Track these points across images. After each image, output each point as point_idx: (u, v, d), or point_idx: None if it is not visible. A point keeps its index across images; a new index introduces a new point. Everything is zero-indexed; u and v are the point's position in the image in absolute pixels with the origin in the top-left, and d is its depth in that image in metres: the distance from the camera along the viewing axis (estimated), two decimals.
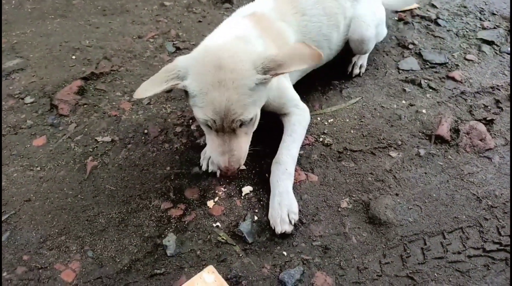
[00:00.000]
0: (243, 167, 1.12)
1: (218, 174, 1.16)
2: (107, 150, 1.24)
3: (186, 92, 0.95)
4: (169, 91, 1.18)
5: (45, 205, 1.10)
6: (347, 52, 1.48)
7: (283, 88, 1.19)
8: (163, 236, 1.04)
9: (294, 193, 1.08)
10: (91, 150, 1.24)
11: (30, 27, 1.76)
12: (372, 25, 1.38)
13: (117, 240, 1.03)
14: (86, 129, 1.30)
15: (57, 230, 1.04)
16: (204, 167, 1.17)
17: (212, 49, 0.97)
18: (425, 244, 1.03)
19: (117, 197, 1.12)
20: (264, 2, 1.27)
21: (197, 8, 1.89)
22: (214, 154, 1.00)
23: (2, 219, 1.06)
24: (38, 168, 1.19)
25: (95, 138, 1.27)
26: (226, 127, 0.94)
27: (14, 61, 1.56)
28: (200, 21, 1.80)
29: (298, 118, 1.20)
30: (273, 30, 1.16)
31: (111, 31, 1.74)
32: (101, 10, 1.89)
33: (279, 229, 1.01)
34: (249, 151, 1.03)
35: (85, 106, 1.38)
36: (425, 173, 1.19)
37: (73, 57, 1.59)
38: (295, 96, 1.24)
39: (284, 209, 1.02)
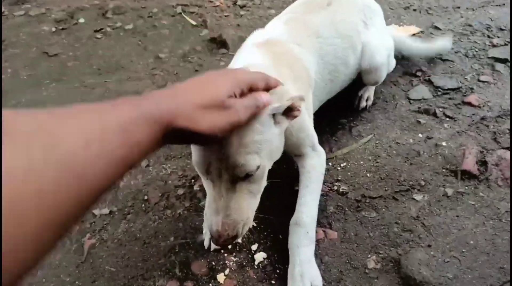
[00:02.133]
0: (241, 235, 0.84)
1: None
2: (106, 224, 1.15)
3: None
4: None
5: None
6: (349, 88, 1.39)
7: (303, 120, 1.02)
8: None
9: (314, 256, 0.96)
10: (88, 226, 1.15)
11: (25, 95, 1.73)
12: (384, 54, 1.30)
13: None
14: None
15: None
16: (206, 243, 1.05)
17: None
18: None
19: (118, 279, 1.02)
20: (274, 27, 1.17)
21: (192, 57, 1.84)
22: (207, 212, 0.81)
23: None
24: None
25: (92, 211, 1.18)
26: (225, 177, 0.76)
27: None
28: (196, 70, 1.75)
29: (314, 164, 1.06)
30: (289, 55, 1.05)
31: (108, 91, 1.70)
32: (96, 70, 1.86)
33: None
34: (255, 217, 0.86)
35: None
36: (457, 216, 1.07)
37: None
38: (314, 134, 1.09)
39: (306, 282, 0.90)
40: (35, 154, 0.35)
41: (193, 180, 1.24)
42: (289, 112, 0.80)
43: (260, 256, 1.03)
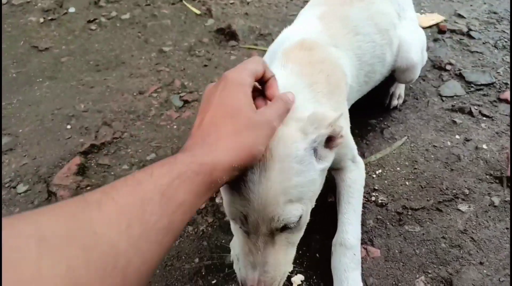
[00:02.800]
0: None
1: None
2: None
3: None
4: None
5: None
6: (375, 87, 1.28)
7: (345, 133, 0.89)
8: None
9: None
10: None
11: (16, 95, 1.57)
12: (419, 49, 1.18)
13: None
14: None
15: None
16: (236, 269, 0.89)
17: None
18: None
19: None
20: (308, 23, 1.02)
21: (199, 51, 1.70)
22: (241, 262, 0.72)
23: None
24: None
25: None
26: (263, 228, 0.64)
27: (2, 140, 1.36)
28: (206, 65, 1.61)
29: (355, 177, 0.96)
30: (327, 62, 0.90)
31: (108, 89, 1.55)
32: (93, 66, 1.70)
33: None
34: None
35: (88, 188, 1.18)
36: (507, 228, 0.98)
37: (68, 126, 1.39)
38: (354, 145, 0.98)
39: None
40: (75, 258, 0.33)
41: (215, 193, 1.13)
42: (331, 141, 0.69)
43: (298, 279, 0.93)
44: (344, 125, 0.91)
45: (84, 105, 1.48)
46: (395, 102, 1.29)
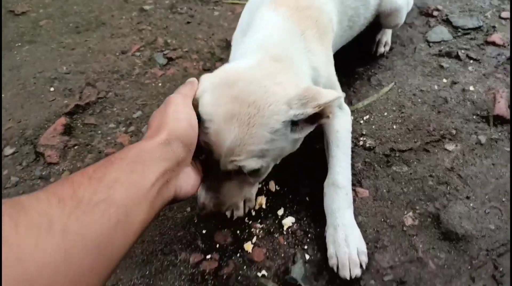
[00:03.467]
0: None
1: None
2: None
3: None
4: None
5: None
6: (363, 32, 1.26)
7: (332, 75, 0.94)
8: None
9: None
10: None
11: None
12: None
13: None
14: None
15: None
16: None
17: (231, 75, 0.72)
18: None
19: (135, 256, 0.92)
20: None
21: (182, 8, 1.65)
22: (202, 185, 0.75)
23: None
24: None
25: None
26: (222, 166, 0.70)
27: None
28: (188, 22, 1.57)
29: (342, 122, 0.97)
30: (313, 8, 0.89)
31: (90, 50, 1.51)
32: (73, 28, 1.65)
33: (347, 274, 0.80)
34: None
35: (75, 147, 1.17)
36: (493, 164, 1.00)
37: (51, 89, 1.36)
38: (341, 92, 0.98)
39: (353, 247, 0.82)
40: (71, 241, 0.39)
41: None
42: (315, 118, 0.70)
43: (288, 221, 0.94)
44: (333, 72, 0.92)
45: (66, 67, 1.44)
46: (381, 49, 1.28)
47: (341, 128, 0.96)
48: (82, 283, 0.39)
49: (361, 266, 0.81)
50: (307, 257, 0.88)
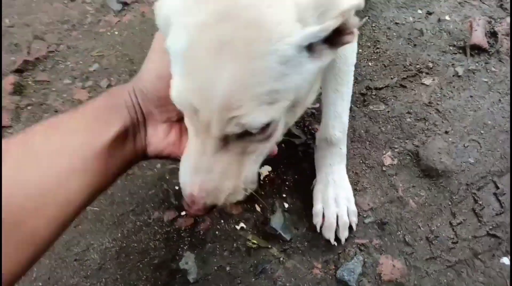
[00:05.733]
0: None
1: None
2: None
3: None
4: None
5: None
6: None
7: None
8: (177, 257, 0.81)
9: None
10: None
11: None
12: None
13: (121, 277, 0.80)
14: None
15: (40, 284, 0.80)
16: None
17: None
18: (497, 187, 0.84)
19: (105, 219, 0.87)
20: None
21: None
22: (183, 166, 0.53)
23: None
24: None
25: None
26: (214, 131, 0.46)
27: None
28: None
29: (347, 53, 0.73)
30: None
31: (34, 0, 1.35)
32: None
33: (332, 236, 0.76)
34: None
35: (29, 107, 1.06)
36: (471, 96, 0.97)
37: None
38: None
39: (343, 207, 0.77)
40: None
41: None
42: (337, 37, 0.46)
43: (265, 170, 0.90)
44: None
45: (9, 20, 1.29)
46: None
47: (344, 63, 0.73)
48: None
49: (350, 227, 0.78)
50: (286, 205, 0.85)
